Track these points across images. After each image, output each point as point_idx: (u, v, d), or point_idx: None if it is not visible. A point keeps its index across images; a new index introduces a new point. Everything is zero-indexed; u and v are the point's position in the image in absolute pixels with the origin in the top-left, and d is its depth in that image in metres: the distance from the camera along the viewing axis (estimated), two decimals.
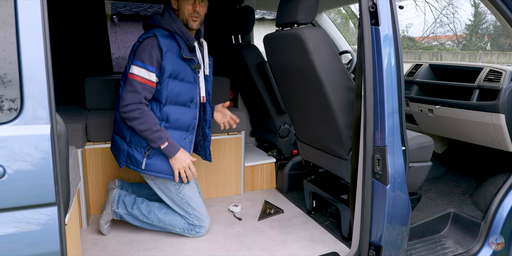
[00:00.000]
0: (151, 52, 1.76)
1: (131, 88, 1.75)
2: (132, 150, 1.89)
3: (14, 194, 0.93)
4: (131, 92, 1.75)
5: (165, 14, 1.87)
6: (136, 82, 1.74)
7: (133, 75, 1.75)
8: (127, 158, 1.90)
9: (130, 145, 1.89)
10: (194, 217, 1.97)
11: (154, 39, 1.77)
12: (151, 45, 1.76)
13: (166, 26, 1.84)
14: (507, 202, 1.85)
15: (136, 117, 1.76)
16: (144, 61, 1.75)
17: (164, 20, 1.85)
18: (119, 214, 2.02)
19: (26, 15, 0.91)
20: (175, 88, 1.85)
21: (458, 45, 14.80)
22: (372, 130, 1.48)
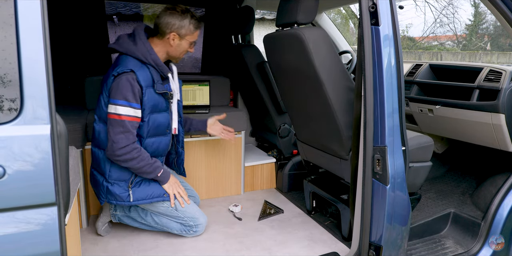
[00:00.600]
0: (133, 89, 1.67)
1: (121, 129, 1.67)
2: (112, 186, 1.82)
3: (14, 194, 0.93)
4: (123, 133, 1.68)
5: (139, 43, 1.74)
6: (126, 122, 1.68)
7: (120, 116, 1.67)
8: (108, 195, 1.83)
9: (109, 180, 1.82)
10: (187, 219, 1.97)
11: (132, 75, 1.68)
12: (131, 81, 1.67)
13: (139, 56, 1.73)
14: (507, 202, 1.85)
15: (135, 157, 1.72)
16: (129, 99, 1.67)
17: (138, 50, 1.73)
18: (117, 217, 2.02)
19: (26, 15, 0.91)
20: (156, 121, 1.82)
21: (458, 45, 14.80)
22: (372, 130, 1.48)
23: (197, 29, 1.83)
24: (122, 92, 1.66)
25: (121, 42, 1.77)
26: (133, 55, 1.74)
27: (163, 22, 1.76)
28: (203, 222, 2.01)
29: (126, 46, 1.75)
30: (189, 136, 2.42)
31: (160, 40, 1.81)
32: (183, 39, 1.80)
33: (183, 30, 1.78)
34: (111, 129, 1.69)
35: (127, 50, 1.74)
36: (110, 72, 1.75)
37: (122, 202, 1.85)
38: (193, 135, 2.43)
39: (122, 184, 1.84)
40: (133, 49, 1.74)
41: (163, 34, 1.78)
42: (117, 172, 1.82)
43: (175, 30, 1.77)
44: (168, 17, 1.76)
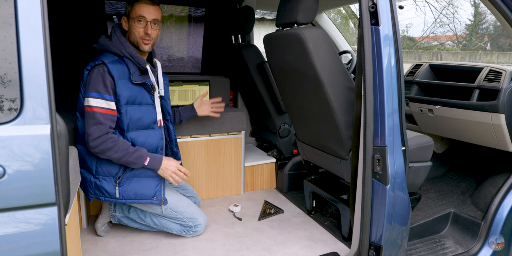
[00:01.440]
0: (104, 81, 1.68)
1: (93, 121, 1.67)
2: (100, 182, 1.80)
3: (14, 194, 0.93)
4: (95, 124, 1.67)
5: (113, 38, 1.78)
6: (97, 114, 1.67)
7: (91, 108, 1.67)
8: (96, 190, 1.82)
9: (97, 176, 1.81)
10: (187, 220, 1.96)
11: (103, 67, 1.69)
12: (102, 73, 1.68)
13: (114, 50, 1.76)
14: (507, 202, 1.85)
15: (109, 147, 1.70)
16: (100, 91, 1.67)
17: (112, 45, 1.76)
18: (117, 218, 2.02)
19: (26, 15, 0.91)
20: (135, 113, 1.79)
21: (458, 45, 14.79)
22: (372, 130, 1.48)
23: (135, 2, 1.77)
24: (94, 85, 1.68)
25: (100, 40, 1.81)
26: (109, 50, 1.77)
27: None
28: (202, 222, 2.01)
29: (102, 43, 1.79)
30: (189, 136, 2.43)
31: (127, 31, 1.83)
32: (130, 19, 1.79)
33: (126, 10, 1.81)
34: (86, 122, 1.70)
35: (103, 46, 1.78)
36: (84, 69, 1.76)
37: (109, 198, 1.82)
38: (193, 135, 2.43)
39: (109, 179, 1.81)
40: (108, 44, 1.78)
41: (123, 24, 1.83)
42: (104, 167, 1.80)
43: (124, 14, 1.83)
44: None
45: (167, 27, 3.00)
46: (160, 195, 1.88)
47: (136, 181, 1.84)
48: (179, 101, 2.59)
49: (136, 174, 1.84)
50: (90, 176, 1.82)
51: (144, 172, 1.86)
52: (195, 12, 3.00)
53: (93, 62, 1.73)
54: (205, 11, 2.97)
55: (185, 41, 3.08)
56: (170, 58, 3.10)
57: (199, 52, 3.12)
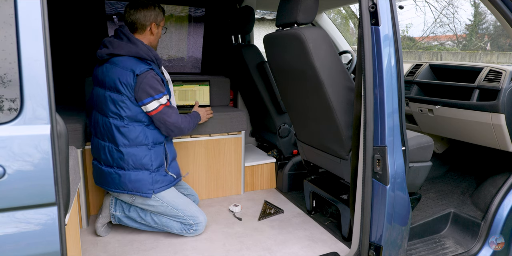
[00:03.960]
0: (159, 82, 1.86)
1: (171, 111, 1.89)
2: (156, 174, 1.94)
3: (14, 194, 0.93)
4: (173, 113, 1.90)
5: (138, 44, 1.87)
6: (170, 105, 1.91)
7: (165, 104, 1.88)
8: (155, 184, 1.93)
9: (153, 170, 1.93)
10: (187, 218, 1.97)
11: (151, 72, 1.83)
12: (154, 76, 1.83)
13: (143, 55, 1.87)
14: (507, 202, 1.85)
15: (188, 120, 2.01)
16: (162, 90, 1.86)
17: (141, 50, 1.87)
18: (117, 217, 2.02)
19: (26, 15, 0.91)
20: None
21: (458, 45, 14.79)
22: (372, 130, 1.48)
23: (164, 14, 2.02)
24: (156, 88, 1.83)
25: (118, 45, 1.86)
26: (136, 55, 1.86)
27: (140, 17, 1.90)
28: (203, 221, 2.01)
29: (127, 49, 1.86)
30: (189, 136, 2.43)
31: (142, 34, 1.94)
32: (159, 26, 1.97)
33: (159, 18, 1.96)
34: (166, 117, 1.87)
35: (129, 52, 1.85)
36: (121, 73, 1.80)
37: (169, 184, 1.99)
38: (193, 135, 2.43)
39: (161, 169, 1.97)
40: (135, 50, 1.86)
41: (143, 27, 1.92)
42: (156, 160, 1.94)
43: (153, 20, 1.93)
44: (143, 12, 1.90)
45: (167, 27, 3.00)
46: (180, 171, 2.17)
47: (174, 163, 2.09)
48: (179, 101, 2.59)
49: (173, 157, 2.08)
50: (146, 173, 1.91)
51: (174, 156, 2.11)
52: (195, 12, 3.00)
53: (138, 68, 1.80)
54: (205, 11, 2.97)
55: (185, 41, 3.08)
56: (170, 58, 3.10)
57: (199, 52, 3.12)
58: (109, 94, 1.84)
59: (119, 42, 1.86)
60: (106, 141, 1.89)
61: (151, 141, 1.91)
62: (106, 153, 1.89)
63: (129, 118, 1.85)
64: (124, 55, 1.85)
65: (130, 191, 1.90)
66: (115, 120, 1.85)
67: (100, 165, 1.94)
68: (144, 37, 1.94)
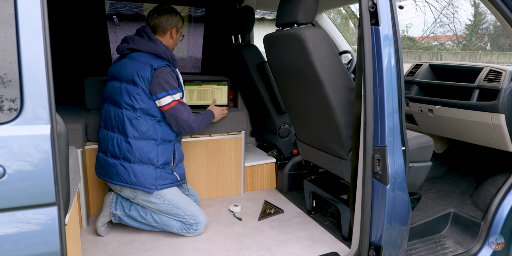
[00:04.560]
0: (174, 78, 1.94)
1: (184, 109, 1.94)
2: (161, 171, 1.95)
3: (14, 194, 0.93)
4: (186, 111, 1.94)
5: (158, 43, 1.98)
6: (180, 104, 1.93)
7: (179, 100, 1.94)
8: (159, 180, 1.94)
9: (159, 165, 1.94)
10: (188, 217, 1.98)
11: (168, 68, 1.92)
12: (170, 72, 1.92)
13: (161, 54, 1.96)
14: (507, 202, 1.85)
15: (200, 119, 2.04)
16: (176, 87, 1.93)
17: (160, 49, 1.96)
18: (117, 216, 2.02)
19: (26, 15, 0.91)
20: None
21: (458, 45, 14.79)
22: (372, 130, 1.48)
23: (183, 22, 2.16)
24: (171, 83, 1.90)
25: (138, 42, 1.97)
26: (155, 53, 1.96)
27: (163, 21, 2.03)
28: (203, 221, 2.01)
29: (147, 46, 1.96)
30: (189, 136, 2.43)
31: (162, 37, 2.05)
32: (178, 32, 2.11)
33: (179, 24, 2.09)
34: (178, 113, 1.92)
35: (149, 49, 1.95)
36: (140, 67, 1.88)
37: (171, 183, 1.99)
38: (193, 135, 2.43)
39: (167, 167, 1.98)
40: (155, 47, 1.96)
41: (164, 31, 2.04)
42: (163, 156, 1.96)
43: (174, 25, 2.06)
44: (166, 17, 2.03)
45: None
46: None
47: (181, 165, 2.11)
48: (197, 101, 2.61)
49: (179, 159, 2.07)
50: (151, 168, 1.93)
51: (182, 156, 2.11)
52: (195, 12, 3.00)
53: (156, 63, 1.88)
54: (205, 11, 2.97)
55: (185, 41, 3.08)
56: None
57: (199, 52, 3.12)
58: (125, 86, 1.90)
59: (139, 39, 1.97)
60: (116, 132, 1.93)
61: (160, 137, 1.94)
62: (114, 145, 1.91)
63: (142, 111, 1.89)
64: (143, 51, 1.95)
65: (133, 185, 1.91)
66: (128, 112, 1.90)
67: (106, 156, 1.95)
68: (163, 39, 2.04)
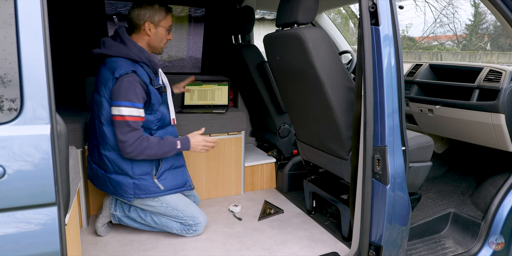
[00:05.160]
0: (135, 90, 1.71)
1: (128, 129, 1.72)
2: (139, 181, 1.87)
3: (14, 194, 0.93)
4: (129, 132, 1.72)
5: (129, 44, 1.79)
6: (130, 122, 1.71)
7: (124, 117, 1.70)
8: (136, 190, 1.87)
9: (135, 176, 1.86)
10: (187, 218, 1.97)
11: (134, 76, 1.72)
12: (133, 82, 1.71)
13: (133, 57, 1.77)
14: (507, 202, 1.85)
15: (145, 147, 1.75)
16: (132, 100, 1.71)
17: (130, 51, 1.77)
18: (117, 217, 2.02)
19: (26, 15, 0.91)
20: (162, 113, 1.90)
21: (458, 45, 14.79)
22: (372, 130, 1.48)
23: (168, 13, 1.88)
24: (125, 94, 1.70)
25: (109, 45, 1.79)
26: (127, 57, 1.77)
27: (134, 16, 1.82)
28: (202, 221, 2.01)
29: (117, 50, 1.78)
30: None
31: (138, 34, 1.86)
32: (158, 26, 1.85)
33: (156, 17, 1.83)
34: (118, 130, 1.73)
35: (120, 53, 1.77)
36: (105, 75, 1.76)
37: (152, 194, 1.89)
38: None
39: (147, 177, 1.88)
40: (126, 51, 1.77)
41: (138, 27, 1.84)
42: (140, 167, 1.85)
43: (148, 19, 1.82)
44: (137, 10, 1.82)
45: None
46: (189, 181, 2.06)
47: (169, 174, 1.95)
48: (198, 101, 2.62)
49: (167, 167, 1.94)
50: (126, 178, 1.86)
51: (173, 164, 1.97)
52: (195, 12, 3.00)
53: (120, 70, 1.71)
54: (205, 11, 2.97)
55: (185, 41, 3.08)
56: (170, 58, 3.10)
57: (199, 52, 3.12)
58: (95, 95, 1.82)
59: (111, 42, 1.80)
60: (94, 141, 1.91)
61: None
62: (95, 153, 1.91)
63: (106, 121, 1.79)
64: (113, 56, 1.78)
65: (112, 193, 1.92)
66: (98, 122, 1.82)
67: (92, 162, 1.96)
68: (140, 37, 1.85)
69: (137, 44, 1.82)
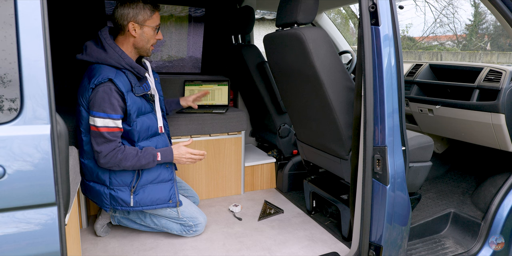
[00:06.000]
0: (111, 100, 1.62)
1: (102, 140, 1.65)
2: (116, 192, 1.80)
3: (14, 194, 0.93)
4: (104, 143, 1.66)
5: (109, 50, 1.67)
6: (105, 133, 1.64)
7: (98, 128, 1.63)
8: (112, 201, 1.81)
9: (112, 187, 1.80)
10: (187, 219, 1.97)
11: (110, 85, 1.62)
12: (108, 92, 1.61)
13: (113, 64, 1.67)
14: (507, 202, 1.85)
15: (120, 158, 1.68)
16: (107, 111, 1.63)
17: (110, 58, 1.66)
18: (116, 218, 2.02)
19: (26, 15, 0.91)
20: (144, 123, 1.79)
21: (458, 45, 14.79)
22: (372, 130, 1.48)
23: (154, 12, 1.75)
24: (100, 105, 1.62)
25: (90, 51, 1.69)
26: (107, 63, 1.68)
27: (117, 16, 1.70)
28: (202, 222, 2.01)
29: (96, 56, 1.68)
30: (189, 136, 2.43)
31: (123, 35, 1.75)
32: (143, 26, 1.73)
33: (140, 16, 1.71)
34: (93, 140, 1.68)
35: (98, 59, 1.68)
36: (84, 84, 1.69)
37: (127, 207, 1.82)
38: (193, 135, 2.43)
39: (125, 189, 1.81)
40: (104, 57, 1.67)
41: (123, 28, 1.72)
42: (118, 177, 1.79)
43: (131, 19, 1.70)
44: (120, 9, 1.70)
45: (167, 27, 3.00)
46: (175, 197, 1.90)
47: (151, 188, 1.85)
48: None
49: (150, 180, 1.84)
50: (103, 188, 1.81)
51: (157, 177, 1.86)
52: (195, 12, 3.00)
53: (95, 78, 1.62)
54: (205, 11, 2.97)
55: (185, 41, 3.08)
56: (170, 58, 3.10)
57: (199, 52, 3.12)
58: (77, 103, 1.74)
59: (92, 47, 1.69)
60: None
61: None
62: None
63: (85, 130, 1.73)
64: (94, 62, 1.69)
65: (92, 200, 1.90)
66: (78, 129, 1.77)
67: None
68: (125, 39, 1.74)
69: (118, 49, 1.70)
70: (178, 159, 1.85)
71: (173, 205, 1.90)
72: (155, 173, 1.85)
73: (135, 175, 1.82)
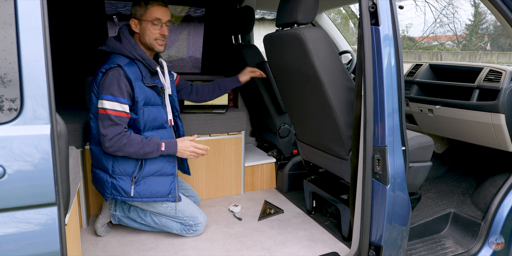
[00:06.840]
0: (119, 84, 1.69)
1: (109, 122, 1.69)
2: (117, 181, 1.83)
3: (14, 194, 0.93)
4: (111, 126, 1.70)
5: (124, 41, 1.78)
6: (112, 116, 1.69)
7: (106, 110, 1.68)
8: (113, 190, 1.84)
9: (114, 176, 1.83)
10: (187, 218, 1.97)
11: (119, 70, 1.70)
12: (117, 76, 1.69)
13: (126, 53, 1.76)
14: (507, 202, 1.85)
15: (124, 143, 1.71)
16: (115, 94, 1.69)
17: (124, 47, 1.76)
18: (117, 217, 2.02)
19: (26, 15, 0.91)
20: (151, 114, 1.83)
21: (458, 45, 14.79)
22: (372, 130, 1.48)
23: (150, 5, 1.78)
24: (109, 87, 1.69)
25: (108, 42, 1.81)
26: (121, 53, 1.77)
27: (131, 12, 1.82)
28: (202, 221, 2.01)
29: (112, 46, 1.79)
30: (189, 136, 2.42)
31: (135, 33, 1.84)
32: (141, 21, 1.79)
33: (137, 12, 1.79)
34: (100, 123, 1.71)
35: (113, 49, 1.78)
36: (98, 71, 1.78)
37: (126, 197, 1.84)
38: (192, 135, 2.43)
39: (126, 178, 1.83)
40: (119, 47, 1.77)
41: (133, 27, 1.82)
42: (120, 166, 1.82)
43: (132, 16, 1.81)
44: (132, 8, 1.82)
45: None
46: (175, 192, 1.92)
47: (152, 180, 1.87)
48: None
49: (151, 172, 1.86)
50: (106, 176, 1.85)
51: (159, 170, 1.88)
52: (195, 12, 3.00)
53: (107, 64, 1.72)
54: (205, 11, 2.97)
55: (185, 41, 3.08)
56: (170, 58, 3.10)
57: (199, 52, 3.12)
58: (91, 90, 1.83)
59: (111, 40, 1.81)
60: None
61: None
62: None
63: (94, 115, 1.80)
64: (110, 52, 1.79)
65: (96, 187, 1.95)
66: (89, 116, 1.84)
67: None
68: (135, 36, 1.84)
69: (133, 40, 1.80)
70: (182, 151, 1.86)
71: (172, 200, 1.91)
72: (158, 165, 1.87)
73: (137, 165, 1.84)
